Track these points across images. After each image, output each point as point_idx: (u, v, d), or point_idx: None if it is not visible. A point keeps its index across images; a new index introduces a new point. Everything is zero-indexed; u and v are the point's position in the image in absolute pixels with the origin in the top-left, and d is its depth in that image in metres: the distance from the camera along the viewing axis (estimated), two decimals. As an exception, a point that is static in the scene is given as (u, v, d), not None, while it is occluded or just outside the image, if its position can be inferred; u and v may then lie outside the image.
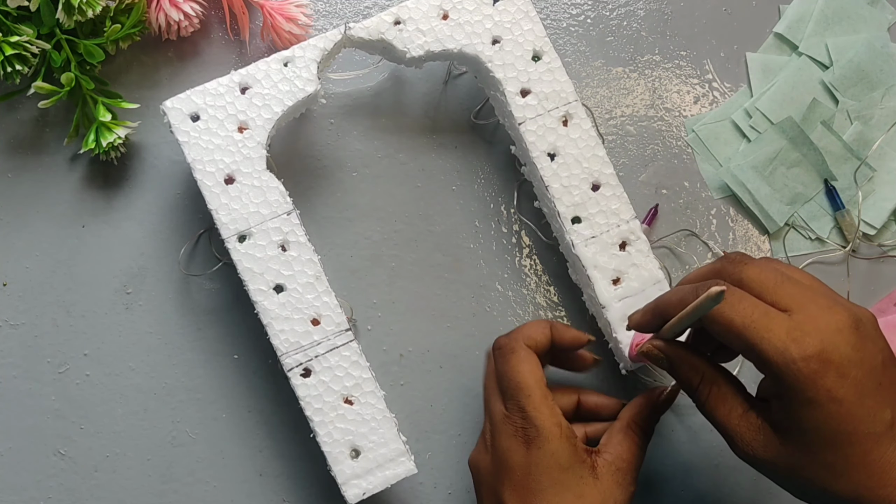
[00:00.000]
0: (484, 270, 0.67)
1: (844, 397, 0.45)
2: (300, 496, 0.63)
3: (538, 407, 0.53)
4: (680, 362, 0.51)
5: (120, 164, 0.66)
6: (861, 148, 0.69)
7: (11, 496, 0.63)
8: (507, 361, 0.55)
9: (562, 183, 0.61)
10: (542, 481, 0.51)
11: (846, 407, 0.45)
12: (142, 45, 0.67)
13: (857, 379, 0.45)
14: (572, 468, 0.52)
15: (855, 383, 0.45)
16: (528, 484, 0.52)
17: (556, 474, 0.51)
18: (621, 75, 0.71)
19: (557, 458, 0.52)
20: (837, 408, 0.45)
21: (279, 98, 0.60)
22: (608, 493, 0.52)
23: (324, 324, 0.59)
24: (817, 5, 0.71)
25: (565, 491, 0.51)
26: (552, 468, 0.51)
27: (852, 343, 0.45)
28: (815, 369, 0.45)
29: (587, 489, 0.52)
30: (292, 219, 0.60)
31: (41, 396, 0.64)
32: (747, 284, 0.48)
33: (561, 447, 0.52)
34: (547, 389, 0.54)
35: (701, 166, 0.69)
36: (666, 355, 0.51)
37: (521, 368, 0.54)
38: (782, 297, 0.47)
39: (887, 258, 0.68)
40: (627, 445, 0.54)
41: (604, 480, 0.52)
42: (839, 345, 0.45)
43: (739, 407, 0.49)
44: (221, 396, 0.64)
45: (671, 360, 0.51)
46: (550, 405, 0.53)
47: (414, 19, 0.62)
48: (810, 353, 0.45)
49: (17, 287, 0.65)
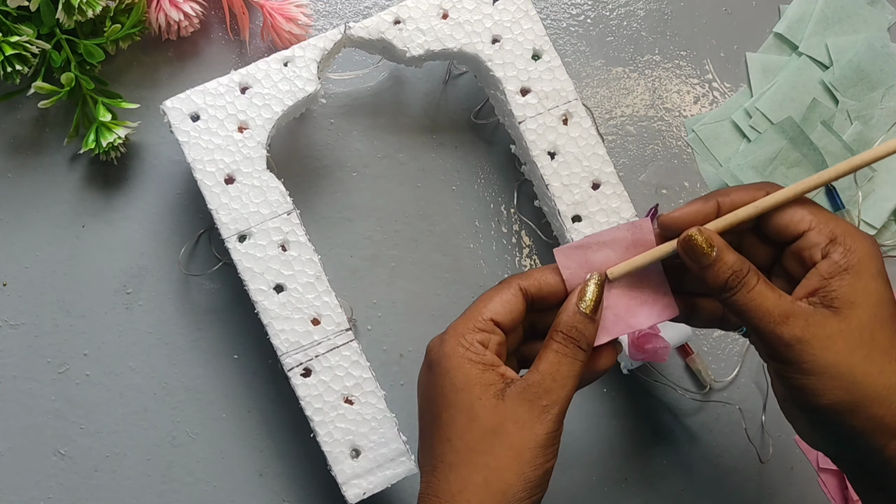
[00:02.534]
0: (484, 270, 0.67)
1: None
2: (300, 496, 0.63)
3: (458, 328, 0.48)
4: (727, 250, 0.46)
5: (120, 164, 0.66)
6: (861, 148, 0.69)
7: (11, 496, 0.63)
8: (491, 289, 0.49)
9: (562, 181, 0.61)
10: (437, 404, 0.47)
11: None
12: (142, 45, 0.67)
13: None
14: (467, 389, 0.46)
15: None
16: (427, 409, 0.48)
17: (449, 395, 0.46)
18: (621, 75, 0.71)
19: (452, 377, 0.46)
20: (891, 290, 0.46)
21: (279, 98, 0.60)
22: (509, 416, 0.46)
23: (324, 323, 0.59)
24: (817, 5, 0.71)
25: (458, 413, 0.46)
26: (445, 389, 0.47)
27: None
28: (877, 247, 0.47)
29: (483, 411, 0.46)
30: (292, 218, 0.60)
31: (41, 396, 0.64)
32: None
33: (455, 367, 0.46)
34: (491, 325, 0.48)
35: (701, 166, 0.69)
36: (712, 243, 0.46)
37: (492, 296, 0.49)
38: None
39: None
40: (549, 358, 0.47)
41: (509, 402, 0.46)
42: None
43: (788, 296, 0.46)
44: (221, 396, 0.64)
45: (719, 247, 0.46)
46: (471, 331, 0.48)
47: (414, 18, 0.62)
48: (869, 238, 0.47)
49: (17, 287, 0.65)
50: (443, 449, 0.46)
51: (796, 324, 0.45)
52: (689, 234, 0.47)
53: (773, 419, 0.66)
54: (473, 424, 0.46)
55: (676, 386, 0.66)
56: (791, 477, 0.66)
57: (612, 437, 0.65)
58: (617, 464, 0.65)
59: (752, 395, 0.66)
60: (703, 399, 0.66)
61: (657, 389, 0.66)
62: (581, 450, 0.65)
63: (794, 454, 0.66)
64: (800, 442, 0.66)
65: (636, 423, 0.65)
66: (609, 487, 0.65)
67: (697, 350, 0.66)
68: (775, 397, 0.50)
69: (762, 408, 0.66)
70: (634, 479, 0.65)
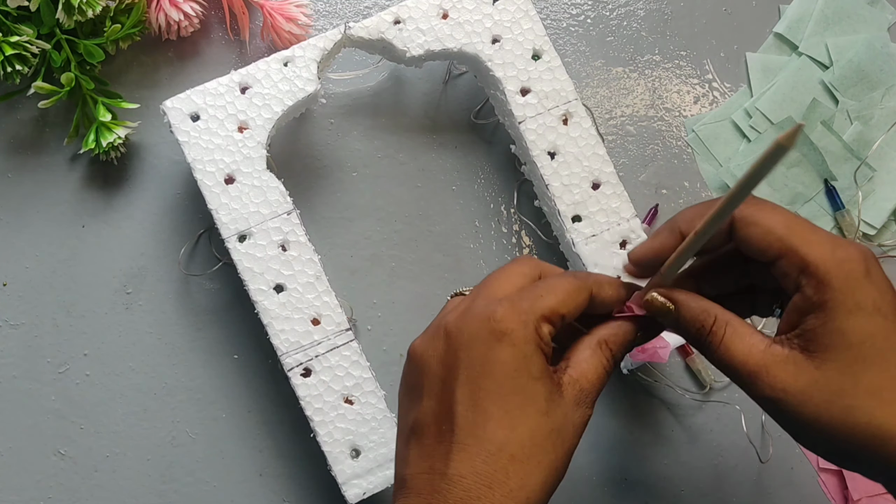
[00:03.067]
0: (484, 270, 0.67)
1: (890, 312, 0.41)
2: (300, 496, 0.63)
3: (536, 310, 0.44)
4: (689, 304, 0.45)
5: (120, 164, 0.66)
6: (861, 148, 0.69)
7: (11, 496, 0.63)
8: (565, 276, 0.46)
9: (562, 181, 0.61)
10: (505, 385, 0.42)
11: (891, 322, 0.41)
12: (142, 45, 0.67)
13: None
14: (542, 380, 0.43)
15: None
16: (485, 384, 0.43)
17: (523, 381, 0.43)
18: (621, 75, 0.71)
19: (529, 363, 0.43)
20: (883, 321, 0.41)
21: (279, 98, 0.60)
22: (569, 414, 0.44)
23: (324, 323, 0.59)
24: (817, 5, 0.71)
25: (529, 403, 0.43)
26: (521, 373, 0.43)
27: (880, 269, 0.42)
28: (864, 270, 0.41)
29: (553, 407, 0.43)
30: (292, 219, 0.60)
31: (41, 396, 0.64)
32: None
33: (536, 354, 0.43)
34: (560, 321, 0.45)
35: (701, 166, 0.69)
36: (672, 300, 0.45)
37: (567, 285, 0.45)
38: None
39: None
40: (594, 364, 0.45)
41: (567, 399, 0.44)
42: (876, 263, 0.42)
43: (760, 342, 0.43)
44: (221, 396, 0.64)
45: (678, 303, 0.45)
46: (546, 322, 0.44)
47: (414, 18, 0.62)
48: (856, 256, 0.41)
49: (17, 287, 0.65)
50: (506, 436, 0.42)
51: (767, 381, 0.42)
52: (647, 299, 0.46)
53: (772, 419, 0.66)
54: (544, 419, 0.43)
55: (676, 386, 0.66)
56: (791, 477, 0.66)
57: (612, 437, 0.65)
58: (617, 464, 0.65)
59: (752, 395, 0.66)
60: (703, 399, 0.66)
61: (657, 389, 0.66)
62: (581, 450, 0.65)
63: (794, 454, 0.66)
64: (800, 442, 0.66)
65: (636, 423, 0.65)
66: (609, 487, 0.65)
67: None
68: None
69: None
70: (634, 479, 0.65)
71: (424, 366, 0.45)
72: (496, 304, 0.44)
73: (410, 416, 0.45)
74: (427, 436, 0.44)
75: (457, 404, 0.43)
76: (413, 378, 0.46)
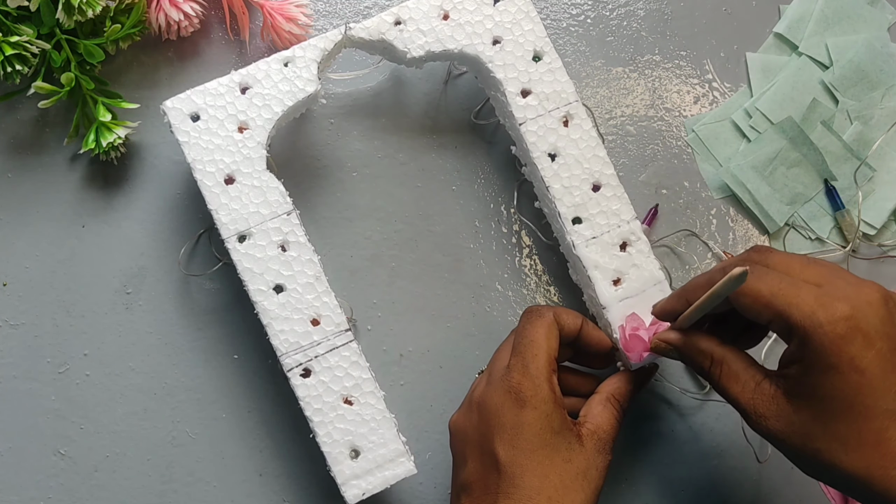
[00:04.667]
0: (484, 270, 0.67)
1: (867, 368, 0.44)
2: (300, 496, 0.63)
3: (541, 368, 0.53)
4: (689, 349, 0.52)
5: (120, 164, 0.66)
6: (861, 148, 0.69)
7: (11, 496, 0.63)
8: (532, 321, 0.55)
9: (562, 183, 0.61)
10: (533, 442, 0.52)
11: (867, 378, 0.44)
12: (142, 45, 0.67)
13: (882, 352, 0.44)
14: (563, 433, 0.53)
15: (880, 356, 0.44)
16: (518, 443, 0.52)
17: (547, 437, 0.52)
18: (621, 75, 0.71)
19: (551, 421, 0.52)
20: (859, 378, 0.44)
21: (279, 98, 0.60)
22: (591, 460, 0.53)
23: (324, 324, 0.59)
24: (817, 5, 0.71)
25: (555, 454, 0.52)
26: (545, 430, 0.52)
27: (881, 316, 0.45)
28: (842, 334, 0.44)
29: (574, 455, 0.52)
30: (292, 219, 0.60)
31: (41, 396, 0.64)
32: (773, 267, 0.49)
33: (555, 411, 0.53)
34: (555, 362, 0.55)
35: (701, 166, 0.69)
36: (674, 346, 0.53)
37: (540, 330, 0.55)
38: (811, 276, 0.47)
39: (887, 258, 0.68)
40: (607, 416, 0.55)
41: (587, 447, 0.53)
42: (868, 315, 0.45)
43: (751, 381, 0.49)
44: (221, 396, 0.64)
45: (680, 348, 0.53)
46: (551, 373, 0.54)
47: (414, 19, 0.62)
48: (838, 317, 0.44)
49: (17, 287, 0.65)
50: (538, 483, 0.51)
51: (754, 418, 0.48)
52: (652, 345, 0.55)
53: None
54: (568, 466, 0.52)
55: (676, 386, 0.66)
56: (791, 477, 0.66)
57: (612, 438, 0.66)
58: (617, 464, 0.65)
59: (752, 396, 0.66)
60: (703, 399, 0.66)
61: (657, 389, 0.66)
62: (581, 450, 0.65)
63: (793, 454, 0.66)
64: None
65: (636, 423, 0.66)
66: (609, 487, 0.65)
67: (697, 350, 0.66)
68: None
69: (762, 408, 0.66)
70: (634, 479, 0.65)
71: (464, 436, 0.55)
72: (509, 374, 0.53)
73: (459, 478, 0.54)
74: (475, 490, 0.53)
75: (498, 462, 0.52)
76: (457, 447, 0.56)
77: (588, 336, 0.58)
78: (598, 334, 0.59)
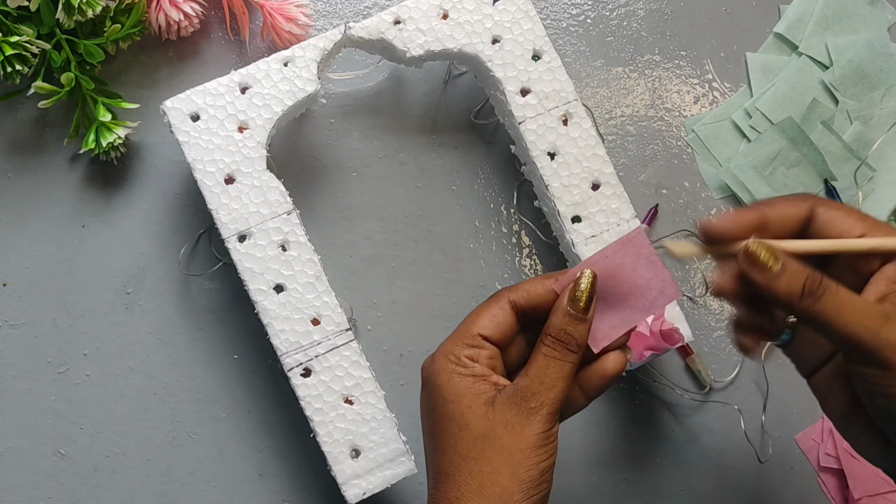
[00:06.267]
0: (484, 270, 0.67)
1: None
2: (300, 496, 0.63)
3: (447, 345, 0.49)
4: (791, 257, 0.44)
5: (120, 164, 0.66)
6: (861, 148, 0.69)
7: (11, 496, 0.63)
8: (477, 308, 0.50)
9: (562, 182, 0.61)
10: (432, 419, 0.49)
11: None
12: (142, 45, 0.67)
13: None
14: (457, 400, 0.47)
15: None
16: (426, 425, 0.50)
17: (441, 408, 0.48)
18: (621, 75, 0.71)
19: (442, 391, 0.48)
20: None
21: (279, 98, 0.60)
22: (499, 421, 0.46)
23: (324, 324, 0.59)
24: (817, 5, 0.71)
25: (450, 423, 0.47)
26: (437, 403, 0.48)
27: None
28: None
29: (473, 419, 0.47)
30: (292, 219, 0.60)
31: (41, 396, 0.64)
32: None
33: (445, 381, 0.48)
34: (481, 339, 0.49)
35: (701, 166, 0.69)
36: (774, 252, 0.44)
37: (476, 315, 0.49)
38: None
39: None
40: (538, 364, 0.47)
41: (498, 408, 0.47)
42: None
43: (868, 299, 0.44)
44: (221, 396, 0.64)
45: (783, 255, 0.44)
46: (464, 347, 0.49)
47: (414, 19, 0.62)
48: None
49: (17, 287, 0.65)
50: (440, 460, 0.48)
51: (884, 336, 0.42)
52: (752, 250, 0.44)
53: (772, 419, 0.66)
54: (464, 432, 0.47)
55: (676, 386, 0.66)
56: (791, 477, 0.66)
57: (612, 437, 0.65)
58: (617, 464, 0.65)
59: (752, 396, 0.66)
60: (703, 399, 0.66)
61: (657, 389, 0.66)
62: (581, 450, 0.65)
63: (793, 454, 0.66)
64: (800, 442, 0.66)
65: (636, 423, 0.65)
66: (609, 487, 0.65)
67: (697, 350, 0.66)
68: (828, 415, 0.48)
69: (762, 408, 0.66)
70: (634, 479, 0.65)
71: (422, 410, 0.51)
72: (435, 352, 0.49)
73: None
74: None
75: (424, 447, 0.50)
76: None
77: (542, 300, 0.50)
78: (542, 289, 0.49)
